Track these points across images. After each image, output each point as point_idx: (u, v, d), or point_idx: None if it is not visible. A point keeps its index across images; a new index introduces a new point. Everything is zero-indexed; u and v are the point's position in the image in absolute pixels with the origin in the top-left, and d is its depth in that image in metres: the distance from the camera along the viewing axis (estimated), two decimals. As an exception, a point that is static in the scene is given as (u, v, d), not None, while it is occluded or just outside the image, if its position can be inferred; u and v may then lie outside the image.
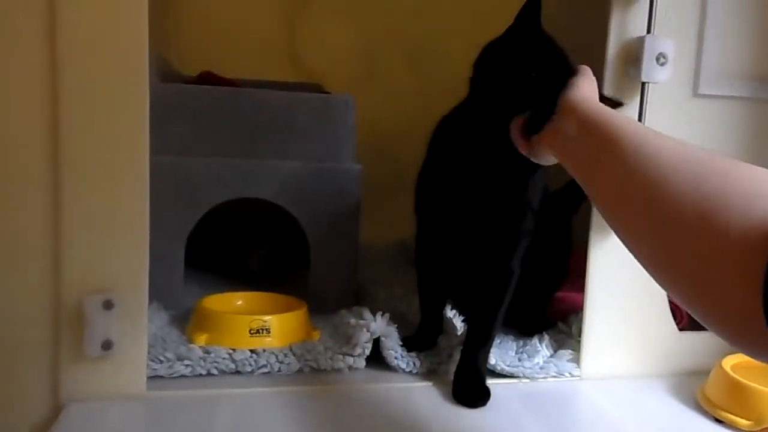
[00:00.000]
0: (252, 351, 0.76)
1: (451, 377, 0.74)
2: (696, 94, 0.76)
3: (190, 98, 0.93)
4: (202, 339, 0.77)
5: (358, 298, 0.99)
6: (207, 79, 1.03)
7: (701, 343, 0.81)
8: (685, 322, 0.84)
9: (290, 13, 1.42)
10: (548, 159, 0.63)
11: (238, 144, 0.94)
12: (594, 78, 0.62)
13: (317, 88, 1.21)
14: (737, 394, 0.70)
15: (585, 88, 0.59)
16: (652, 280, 0.41)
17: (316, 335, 0.83)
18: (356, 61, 1.43)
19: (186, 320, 0.85)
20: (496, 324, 0.75)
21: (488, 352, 0.75)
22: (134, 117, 0.63)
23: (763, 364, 0.72)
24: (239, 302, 0.91)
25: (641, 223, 0.42)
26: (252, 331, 0.79)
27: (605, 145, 0.47)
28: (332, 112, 0.97)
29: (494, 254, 0.74)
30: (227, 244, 1.17)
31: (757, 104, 0.77)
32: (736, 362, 0.74)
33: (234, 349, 0.76)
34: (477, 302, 0.76)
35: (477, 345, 0.74)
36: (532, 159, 0.64)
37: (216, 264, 1.13)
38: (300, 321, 0.84)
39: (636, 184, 0.42)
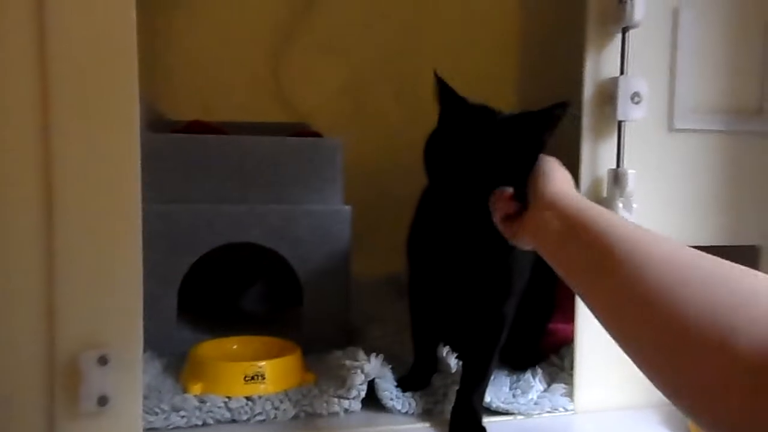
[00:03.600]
0: (247, 398, 0.77)
1: (447, 417, 0.75)
2: (671, 128, 0.79)
3: (181, 147, 0.94)
4: (197, 388, 0.77)
5: (351, 336, 1.00)
6: (195, 128, 1.05)
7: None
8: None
9: (276, 51, 1.44)
10: (530, 245, 0.60)
11: (228, 190, 0.95)
12: (562, 167, 0.62)
13: (305, 129, 1.23)
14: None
15: (558, 179, 0.58)
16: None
17: (311, 378, 0.84)
18: (343, 98, 1.45)
19: (180, 367, 0.85)
20: (491, 364, 0.76)
21: (484, 392, 0.76)
22: (126, 168, 0.64)
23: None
24: (234, 347, 0.91)
25: (640, 333, 0.41)
26: (247, 378, 0.79)
27: (597, 250, 0.45)
28: (320, 156, 0.99)
29: (486, 303, 0.75)
30: (220, 286, 1.18)
31: (732, 137, 0.80)
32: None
33: (229, 398, 0.76)
34: (471, 344, 0.77)
35: (472, 385, 0.75)
36: (514, 244, 0.63)
37: (209, 306, 1.13)
38: (294, 365, 0.84)
39: (634, 293, 0.41)
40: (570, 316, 0.89)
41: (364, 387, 0.79)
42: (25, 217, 0.63)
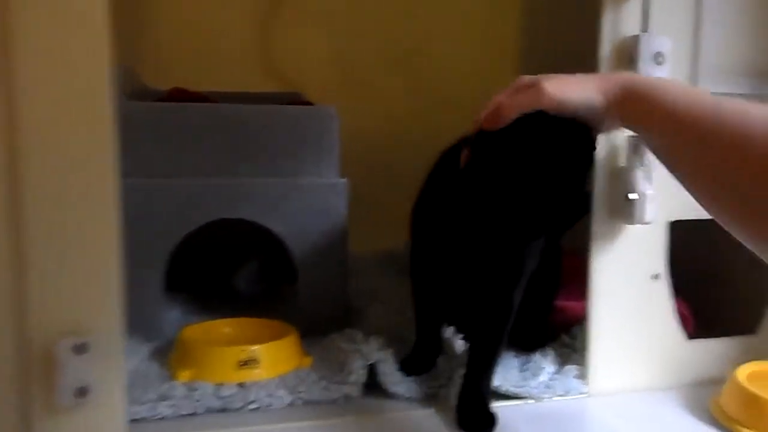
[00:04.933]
0: (240, 385, 0.72)
1: (454, 402, 0.70)
2: (695, 92, 0.73)
3: (163, 117, 0.88)
4: (185, 375, 0.72)
5: (350, 317, 0.95)
6: (177, 95, 0.98)
7: (712, 350, 0.78)
8: (692, 329, 0.81)
9: (263, 20, 1.37)
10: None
11: (215, 163, 0.89)
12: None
13: (297, 98, 1.17)
14: (753, 407, 0.66)
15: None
16: (655, 287, 0.47)
17: (307, 362, 0.79)
18: (335, 67, 1.39)
19: (168, 351, 0.80)
20: (499, 347, 0.71)
21: (492, 376, 0.71)
22: (100, 137, 0.58)
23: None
24: (226, 330, 0.86)
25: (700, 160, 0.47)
26: (240, 363, 0.74)
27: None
28: (314, 126, 0.92)
29: (494, 287, 0.70)
30: (211, 264, 1.12)
31: (759, 101, 0.74)
32: (751, 371, 0.71)
33: (221, 384, 0.71)
34: (477, 326, 0.72)
35: (480, 369, 0.70)
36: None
37: (200, 286, 1.08)
38: (290, 348, 0.79)
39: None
40: (578, 293, 0.84)
41: (364, 371, 0.74)
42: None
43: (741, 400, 0.68)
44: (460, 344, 0.79)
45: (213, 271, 1.12)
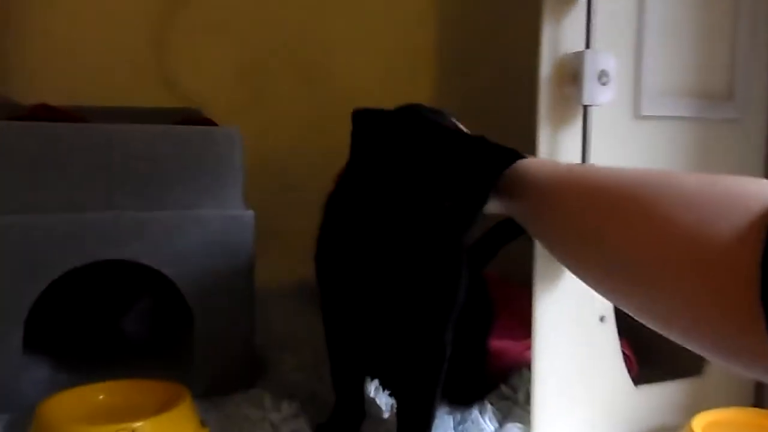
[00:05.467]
0: (116, 476, 0.57)
1: (382, 479, 0.59)
2: (638, 115, 0.67)
3: (21, 138, 0.72)
4: (44, 466, 0.57)
5: (256, 370, 0.81)
6: (41, 113, 0.82)
7: (661, 396, 0.71)
8: (636, 370, 0.74)
9: (157, 27, 1.22)
10: None
11: (88, 194, 0.73)
12: None
13: (195, 115, 1.03)
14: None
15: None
16: (602, 330, 0.46)
17: (205, 435, 0.65)
18: (240, 82, 1.26)
19: (27, 426, 0.64)
20: (434, 404, 0.61)
21: (428, 440, 0.61)
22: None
23: (737, 424, 0.64)
24: (100, 397, 0.70)
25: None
26: (117, 445, 0.59)
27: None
28: (215, 149, 0.79)
29: (422, 328, 0.60)
30: (90, 312, 0.96)
31: (701, 125, 0.69)
32: (707, 422, 0.64)
33: (90, 477, 0.56)
34: (407, 379, 0.61)
35: (413, 433, 0.60)
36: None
37: (76, 338, 0.91)
38: (182, 420, 0.65)
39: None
40: (517, 332, 0.76)
41: (274, 445, 0.61)
42: None
43: (699, 456, 0.61)
44: (387, 403, 0.69)
45: (92, 319, 0.95)
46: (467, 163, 0.49)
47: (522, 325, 0.81)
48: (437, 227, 0.49)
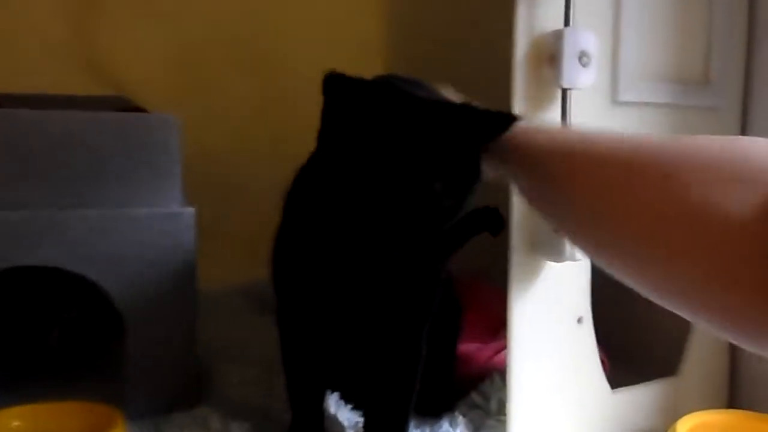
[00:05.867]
0: None
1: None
2: (615, 101, 0.63)
3: None
4: None
5: (200, 385, 0.73)
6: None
7: (638, 399, 0.68)
8: (607, 368, 0.70)
9: (80, 9, 1.11)
10: None
11: (3, 189, 0.63)
12: None
13: (125, 104, 0.93)
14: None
15: None
16: (580, 332, 0.41)
17: (141, 464, 0.57)
18: (176, 69, 1.16)
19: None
20: (407, 416, 0.55)
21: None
22: None
23: (722, 426, 0.61)
24: (15, 424, 0.60)
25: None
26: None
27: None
28: (148, 138, 0.70)
29: (396, 336, 0.53)
30: (11, 320, 0.85)
31: (679, 111, 0.66)
32: (692, 425, 0.61)
33: None
34: (378, 392, 0.55)
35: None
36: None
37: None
38: (113, 448, 0.57)
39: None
40: (485, 335, 0.71)
41: (224, 474, 0.54)
42: None
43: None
44: (349, 419, 0.62)
45: (11, 332, 0.84)
46: (454, 135, 0.43)
47: (489, 327, 0.76)
48: (426, 215, 0.43)
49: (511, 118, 0.45)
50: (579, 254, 0.56)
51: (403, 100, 0.44)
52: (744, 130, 0.71)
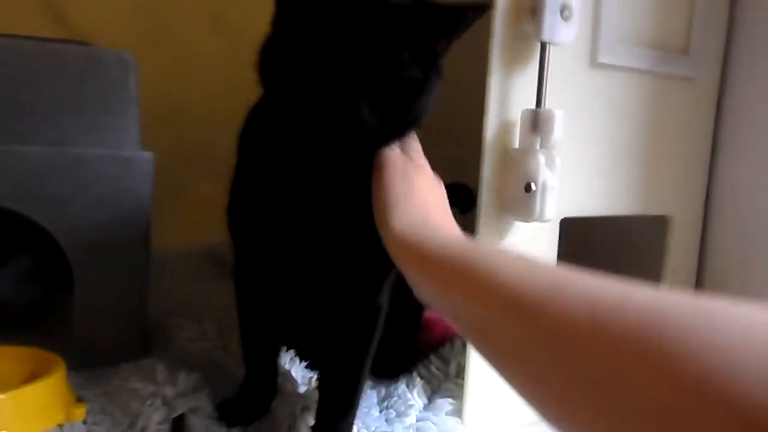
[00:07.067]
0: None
1: (297, 463, 0.50)
2: (594, 63, 0.61)
3: None
4: None
5: (148, 339, 0.70)
6: None
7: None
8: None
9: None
10: None
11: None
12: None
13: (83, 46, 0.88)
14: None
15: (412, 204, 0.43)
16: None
17: (80, 414, 0.53)
18: (138, 17, 1.10)
19: None
20: (362, 380, 0.53)
21: (352, 422, 0.52)
22: None
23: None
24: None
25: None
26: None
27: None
28: (102, 74, 0.66)
29: (354, 288, 0.51)
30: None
31: (658, 79, 0.65)
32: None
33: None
34: (334, 350, 0.53)
35: (337, 415, 0.51)
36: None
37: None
38: (53, 394, 0.53)
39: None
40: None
41: (167, 425, 0.51)
42: None
43: None
44: (303, 376, 0.60)
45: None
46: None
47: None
48: (395, 88, 0.41)
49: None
50: (548, 215, 0.55)
51: None
52: (720, 102, 0.70)
